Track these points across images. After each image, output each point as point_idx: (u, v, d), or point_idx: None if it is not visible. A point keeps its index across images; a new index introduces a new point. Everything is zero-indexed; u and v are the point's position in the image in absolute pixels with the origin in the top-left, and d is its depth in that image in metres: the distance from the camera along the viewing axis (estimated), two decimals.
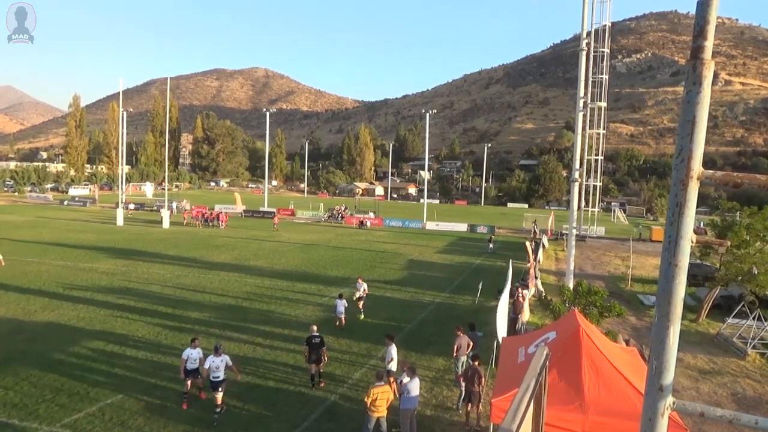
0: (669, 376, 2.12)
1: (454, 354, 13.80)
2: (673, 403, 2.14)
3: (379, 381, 10.73)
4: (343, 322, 18.20)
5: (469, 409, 11.78)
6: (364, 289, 20.36)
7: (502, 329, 14.00)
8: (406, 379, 11.10)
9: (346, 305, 18.35)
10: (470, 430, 11.64)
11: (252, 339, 16.69)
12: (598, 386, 8.74)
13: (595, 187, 51.52)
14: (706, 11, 2.10)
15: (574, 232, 27.66)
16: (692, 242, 2.17)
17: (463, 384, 11.79)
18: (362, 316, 19.71)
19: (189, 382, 11.98)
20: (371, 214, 63.48)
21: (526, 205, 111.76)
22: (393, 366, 12.81)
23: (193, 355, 12.02)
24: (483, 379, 11.75)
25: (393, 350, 12.95)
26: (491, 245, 41.33)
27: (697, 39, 2.12)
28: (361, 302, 20.12)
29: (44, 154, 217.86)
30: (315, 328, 13.86)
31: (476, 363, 11.97)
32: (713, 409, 2.11)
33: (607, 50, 46.44)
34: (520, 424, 2.52)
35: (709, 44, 2.11)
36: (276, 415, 11.71)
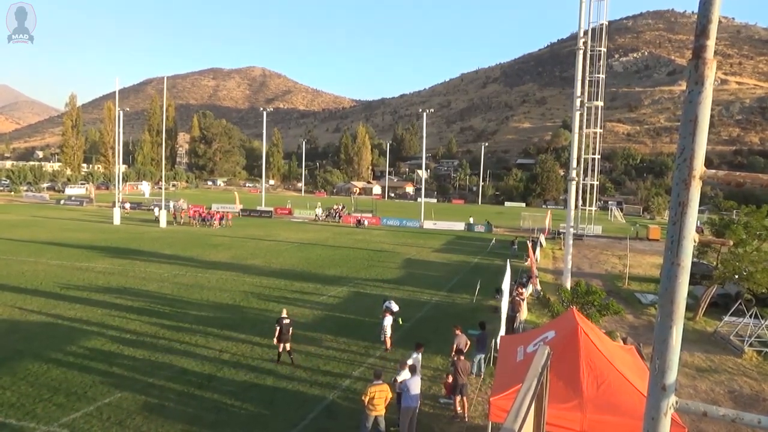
0: (672, 376, 2.12)
1: (453, 353, 13.81)
2: (676, 402, 2.14)
3: (377, 379, 10.73)
4: (388, 345, 16.38)
5: (457, 401, 11.99)
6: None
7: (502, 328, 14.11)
8: (401, 377, 11.10)
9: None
10: (459, 420, 11.80)
11: (250, 338, 16.66)
12: (596, 384, 8.75)
13: (592, 185, 51.76)
14: (708, 10, 2.09)
15: (572, 230, 27.70)
16: (694, 242, 2.17)
17: (450, 379, 12.05)
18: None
19: None
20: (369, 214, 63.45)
21: (523, 204, 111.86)
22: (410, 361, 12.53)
23: None
24: (467, 370, 12.31)
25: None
26: (515, 246, 39.44)
27: (699, 38, 2.12)
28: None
29: (40, 154, 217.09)
30: (285, 311, 15.21)
31: (461, 357, 12.31)
32: (716, 409, 2.11)
33: (603, 49, 46.55)
34: (522, 424, 2.52)
35: (711, 43, 2.11)
36: (274, 414, 11.70)
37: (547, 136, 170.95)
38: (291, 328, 14.72)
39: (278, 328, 14.49)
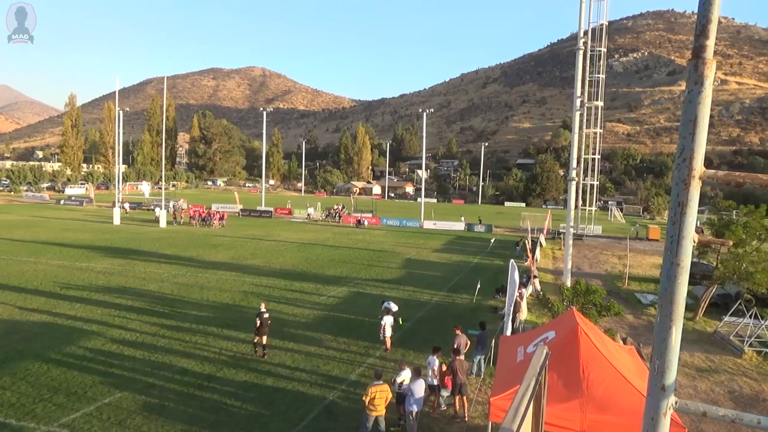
0: (671, 376, 2.12)
1: (453, 353, 13.82)
2: (676, 402, 2.14)
3: (377, 380, 10.73)
4: (388, 346, 16.32)
5: (457, 400, 11.99)
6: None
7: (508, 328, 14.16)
8: (400, 378, 11.09)
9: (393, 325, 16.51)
10: (459, 420, 11.79)
11: (250, 338, 16.62)
12: (596, 385, 8.75)
13: (592, 186, 51.78)
14: (708, 10, 2.09)
15: (572, 230, 27.70)
16: (694, 242, 2.17)
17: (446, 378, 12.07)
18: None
19: None
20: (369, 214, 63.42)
21: (523, 204, 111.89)
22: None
23: None
24: (466, 369, 12.22)
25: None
26: (518, 247, 39.74)
27: (699, 38, 2.12)
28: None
29: (40, 154, 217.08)
30: (263, 306, 15.71)
31: (458, 357, 12.26)
32: (716, 409, 2.11)
33: (603, 49, 46.55)
34: (520, 424, 2.52)
35: (711, 43, 2.11)
36: (274, 415, 11.69)
37: (547, 136, 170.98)
38: (270, 322, 15.26)
39: (258, 321, 14.93)
